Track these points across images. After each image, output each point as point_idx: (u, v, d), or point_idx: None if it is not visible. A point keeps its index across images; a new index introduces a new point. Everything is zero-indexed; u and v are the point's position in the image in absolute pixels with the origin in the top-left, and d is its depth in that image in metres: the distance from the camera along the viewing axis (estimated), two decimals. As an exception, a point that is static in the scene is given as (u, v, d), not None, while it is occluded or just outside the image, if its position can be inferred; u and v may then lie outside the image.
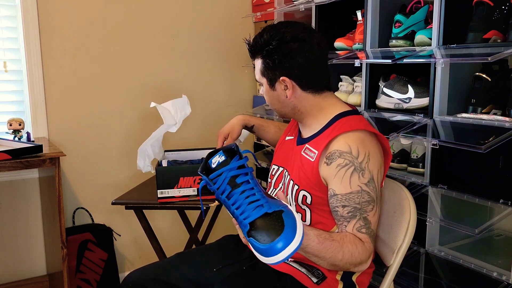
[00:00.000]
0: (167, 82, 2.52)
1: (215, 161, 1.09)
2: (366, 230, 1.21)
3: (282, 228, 0.99)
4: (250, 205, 1.04)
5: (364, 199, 1.21)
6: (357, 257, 1.18)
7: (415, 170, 1.72)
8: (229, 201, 1.07)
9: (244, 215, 1.04)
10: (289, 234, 0.99)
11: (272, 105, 1.38)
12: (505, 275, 1.42)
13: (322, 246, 1.14)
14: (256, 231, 1.01)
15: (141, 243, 2.49)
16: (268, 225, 1.01)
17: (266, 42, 1.28)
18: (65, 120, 2.31)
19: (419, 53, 1.62)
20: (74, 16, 2.27)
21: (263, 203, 1.04)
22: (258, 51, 1.31)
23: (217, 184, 1.08)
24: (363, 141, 1.24)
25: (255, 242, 1.00)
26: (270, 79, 1.31)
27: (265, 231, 1.00)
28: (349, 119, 1.29)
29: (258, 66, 1.33)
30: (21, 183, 2.27)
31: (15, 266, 2.30)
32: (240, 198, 1.06)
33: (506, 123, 1.38)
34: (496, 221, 1.53)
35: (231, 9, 2.64)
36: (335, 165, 1.22)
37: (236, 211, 1.06)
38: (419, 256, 1.69)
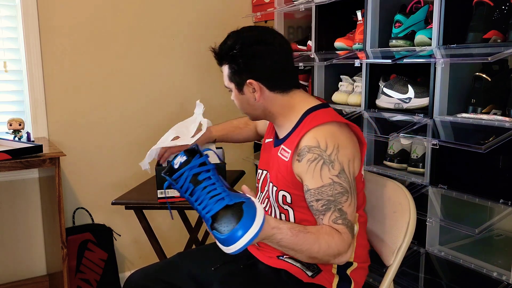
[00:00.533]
0: (167, 82, 2.52)
1: (177, 162, 1.13)
2: (342, 221, 1.22)
3: (241, 217, 1.02)
4: (211, 199, 1.07)
5: (337, 190, 1.22)
6: (334, 248, 1.19)
7: (415, 170, 1.72)
8: (192, 198, 1.10)
9: (206, 209, 1.07)
10: (247, 222, 1.02)
11: (243, 109, 1.40)
12: (505, 275, 1.42)
13: (297, 239, 1.15)
14: (217, 223, 1.04)
15: (141, 243, 2.49)
16: (228, 216, 1.04)
17: (230, 47, 1.31)
18: (65, 120, 2.31)
19: (419, 53, 1.62)
20: (74, 16, 2.27)
21: (224, 196, 1.07)
22: (223, 57, 1.34)
23: (180, 183, 1.12)
24: (332, 133, 1.25)
25: (217, 233, 1.03)
26: (238, 83, 1.33)
27: (225, 222, 1.03)
28: (317, 114, 1.30)
29: (225, 72, 1.35)
30: (21, 183, 2.27)
31: (15, 266, 2.30)
32: (203, 194, 1.09)
33: (506, 123, 1.38)
34: (496, 221, 1.53)
35: (231, 9, 2.64)
36: (306, 161, 1.24)
37: (198, 206, 1.08)
38: (419, 256, 1.69)
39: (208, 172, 1.12)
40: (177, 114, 2.56)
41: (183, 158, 1.13)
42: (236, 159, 2.54)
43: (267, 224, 1.12)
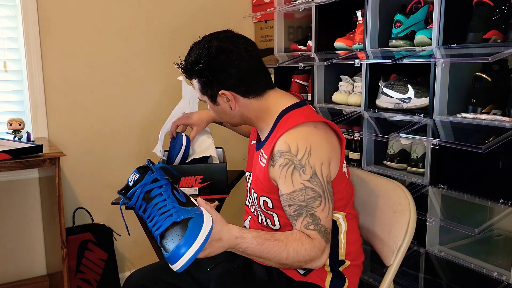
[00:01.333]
0: (167, 82, 2.52)
1: (131, 179, 1.13)
2: (314, 226, 1.20)
3: (183, 234, 1.02)
4: (161, 216, 1.07)
5: (309, 195, 1.20)
6: (304, 254, 1.18)
7: (415, 170, 1.72)
8: (145, 214, 1.10)
9: (156, 226, 1.07)
10: (189, 239, 1.01)
11: (221, 119, 1.40)
12: (505, 275, 1.42)
13: (263, 247, 1.15)
14: (164, 240, 1.04)
15: (141, 243, 2.49)
16: (174, 233, 1.04)
17: (194, 62, 1.31)
18: (65, 120, 2.31)
19: (419, 53, 1.62)
20: (74, 16, 2.27)
21: (172, 213, 1.07)
22: (190, 73, 1.33)
23: (133, 200, 1.12)
24: (304, 136, 1.23)
25: (164, 251, 1.03)
26: (211, 95, 1.33)
27: (171, 239, 1.03)
28: (290, 115, 1.28)
29: (196, 86, 1.35)
30: (21, 183, 2.27)
31: (15, 266, 2.30)
32: (154, 211, 1.09)
33: (506, 123, 1.38)
34: (496, 221, 1.53)
35: (231, 9, 2.64)
36: (278, 166, 1.23)
37: (149, 224, 1.08)
38: (419, 256, 1.69)
39: (160, 188, 1.12)
40: (177, 114, 2.56)
41: (136, 176, 1.13)
42: (236, 159, 2.53)
43: (230, 234, 1.12)
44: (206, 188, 1.75)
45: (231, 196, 1.86)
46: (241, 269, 1.38)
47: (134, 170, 1.15)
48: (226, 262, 1.42)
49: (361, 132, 1.84)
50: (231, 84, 1.29)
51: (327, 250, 1.23)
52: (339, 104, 2.01)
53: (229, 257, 1.42)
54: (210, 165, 1.78)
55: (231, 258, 1.41)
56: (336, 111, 2.00)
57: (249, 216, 1.47)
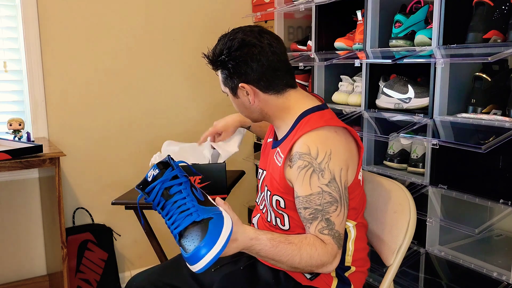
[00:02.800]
0: (167, 82, 2.53)
1: (150, 175, 1.11)
2: (328, 231, 1.19)
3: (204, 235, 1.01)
4: (180, 214, 1.06)
5: (326, 200, 1.19)
6: (317, 259, 1.17)
7: (415, 170, 1.72)
8: (163, 212, 1.09)
9: (175, 224, 1.06)
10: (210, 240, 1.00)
11: (241, 113, 1.41)
12: (505, 275, 1.42)
13: (277, 250, 1.14)
14: (183, 240, 1.03)
15: (141, 243, 2.49)
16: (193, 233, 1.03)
17: (219, 53, 1.30)
18: (65, 120, 2.31)
19: (419, 53, 1.62)
20: (74, 16, 2.27)
21: (192, 212, 1.06)
22: (215, 63, 1.33)
23: (152, 196, 1.10)
24: (324, 139, 1.23)
25: (182, 251, 1.02)
26: (231, 88, 1.33)
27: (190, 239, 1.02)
28: (311, 118, 1.28)
29: (220, 77, 1.35)
30: (21, 183, 2.27)
31: (15, 266, 2.30)
32: (173, 209, 1.08)
33: (506, 123, 1.38)
34: (496, 221, 1.53)
35: (231, 9, 2.64)
36: (296, 167, 1.22)
37: (168, 221, 1.07)
38: (419, 256, 1.69)
39: (180, 185, 1.10)
40: (177, 114, 2.56)
41: (156, 171, 1.11)
42: (236, 159, 2.53)
43: (245, 236, 1.11)
44: (206, 188, 1.75)
45: (232, 196, 1.86)
46: (246, 271, 1.37)
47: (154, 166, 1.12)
48: (230, 264, 1.41)
49: (361, 132, 1.84)
50: (251, 78, 1.29)
51: (339, 256, 1.22)
52: (339, 104, 2.01)
53: (233, 258, 1.41)
54: (209, 165, 1.78)
55: (235, 260, 1.40)
56: (336, 111, 2.00)
57: (258, 214, 1.46)
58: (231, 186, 1.91)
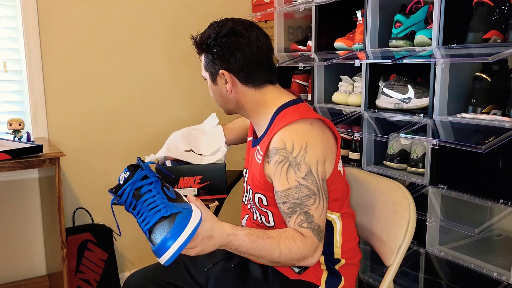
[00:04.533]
0: (167, 82, 2.53)
1: (122, 178, 1.14)
2: (307, 224, 1.20)
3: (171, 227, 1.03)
4: (150, 211, 1.07)
5: (303, 193, 1.20)
6: (296, 252, 1.17)
7: (415, 170, 1.72)
8: (134, 212, 1.11)
9: (145, 222, 1.07)
10: (177, 231, 1.01)
11: (216, 101, 1.40)
12: (505, 275, 1.42)
13: (255, 245, 1.14)
14: (153, 235, 1.05)
15: (141, 243, 2.49)
16: (161, 227, 1.04)
17: (206, 37, 1.31)
18: (65, 120, 2.30)
19: (419, 53, 1.62)
20: (74, 16, 2.27)
21: (160, 208, 1.07)
22: (200, 46, 1.34)
23: (123, 198, 1.12)
24: (300, 133, 1.23)
25: (151, 245, 1.03)
26: (212, 73, 1.33)
27: (158, 233, 1.03)
28: (286, 112, 1.29)
29: (202, 62, 1.36)
30: (21, 183, 2.27)
31: (15, 266, 2.30)
32: (143, 207, 1.09)
33: (506, 123, 1.38)
34: (496, 221, 1.53)
35: (231, 9, 2.64)
36: (273, 163, 1.23)
37: (139, 220, 1.09)
38: (419, 256, 1.69)
39: (150, 184, 1.12)
40: (177, 114, 2.56)
41: (126, 174, 1.14)
42: (236, 159, 2.53)
43: (222, 232, 1.12)
44: (205, 188, 1.75)
45: (232, 196, 1.86)
46: (238, 268, 1.39)
47: (125, 169, 1.15)
48: (223, 261, 1.42)
49: (361, 132, 1.84)
50: (233, 67, 1.29)
51: (320, 248, 1.22)
52: (339, 104, 2.01)
53: (226, 256, 1.42)
54: (209, 165, 1.77)
55: (228, 257, 1.42)
56: (336, 111, 2.00)
57: (246, 215, 1.47)
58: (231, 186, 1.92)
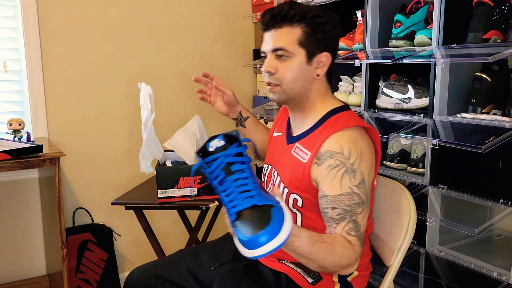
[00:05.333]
0: (166, 82, 2.53)
1: (214, 145, 1.05)
2: (355, 232, 1.19)
3: (268, 223, 0.95)
4: (240, 194, 1.00)
5: (354, 201, 1.18)
6: (346, 260, 1.17)
7: (415, 170, 1.72)
8: (221, 187, 1.03)
9: (233, 203, 1.00)
10: (274, 230, 0.94)
11: (292, 83, 1.25)
12: (505, 275, 1.42)
13: (313, 248, 1.12)
14: (241, 222, 0.98)
15: (141, 243, 2.49)
16: (254, 217, 0.97)
17: (315, 11, 1.23)
18: (65, 120, 2.31)
19: (419, 53, 1.62)
20: (74, 16, 2.27)
21: (253, 195, 1.00)
22: (302, 17, 1.22)
23: (211, 168, 1.03)
24: (355, 140, 1.21)
25: (239, 232, 0.97)
26: (310, 51, 1.23)
27: (250, 223, 0.96)
28: (340, 116, 1.26)
29: (292, 35, 1.22)
30: (21, 183, 2.27)
31: (15, 266, 2.30)
32: (232, 186, 1.02)
33: (506, 123, 1.38)
34: (496, 221, 1.53)
35: (231, 9, 2.64)
36: (326, 166, 1.20)
37: (225, 198, 1.02)
38: (419, 256, 1.69)
39: (242, 164, 1.03)
40: (177, 114, 2.56)
41: (220, 143, 1.04)
42: (236, 159, 2.53)
43: None
44: (205, 188, 1.75)
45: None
46: (246, 269, 1.34)
47: (219, 136, 1.04)
48: (231, 263, 1.39)
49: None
50: (334, 53, 1.27)
51: (359, 258, 1.22)
52: (339, 104, 2.01)
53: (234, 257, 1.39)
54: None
55: (235, 259, 1.39)
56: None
57: None
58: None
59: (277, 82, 1.26)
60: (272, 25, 1.24)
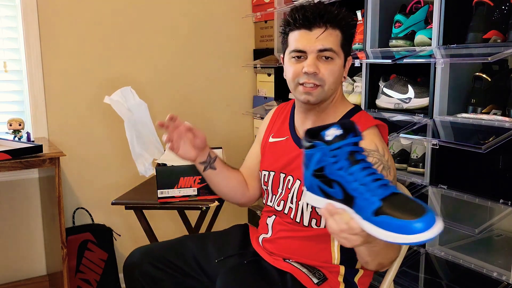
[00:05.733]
0: (167, 82, 2.52)
1: (331, 134, 0.99)
2: None
3: (422, 210, 0.91)
4: (375, 182, 0.96)
5: None
6: (396, 253, 1.20)
7: (415, 170, 1.72)
8: (351, 177, 0.97)
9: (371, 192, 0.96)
10: (430, 218, 0.90)
11: (334, 84, 1.27)
12: (505, 275, 1.42)
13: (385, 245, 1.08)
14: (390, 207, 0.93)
15: (141, 243, 2.48)
16: (405, 203, 0.94)
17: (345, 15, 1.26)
18: (65, 120, 2.30)
19: (419, 53, 1.62)
20: (74, 16, 2.27)
21: (387, 182, 0.97)
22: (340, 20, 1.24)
23: (334, 157, 0.98)
24: (381, 138, 1.26)
25: (390, 218, 0.92)
26: (346, 55, 1.29)
27: (403, 208, 0.92)
28: (362, 115, 1.31)
29: (336, 37, 1.24)
30: (21, 183, 2.27)
31: (15, 266, 2.30)
32: (361, 175, 0.98)
33: (506, 123, 1.38)
34: (496, 221, 1.53)
35: (231, 9, 2.64)
36: None
37: (361, 187, 0.96)
38: (419, 256, 1.69)
39: (363, 154, 1.00)
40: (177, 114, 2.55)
41: (338, 131, 0.99)
42: (236, 159, 2.53)
43: None
44: (205, 188, 1.75)
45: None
46: (251, 265, 1.33)
47: (335, 125, 1.00)
48: (235, 257, 1.37)
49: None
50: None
51: None
52: (339, 104, 2.01)
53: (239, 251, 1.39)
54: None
55: (240, 254, 1.38)
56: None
57: (274, 215, 1.40)
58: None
59: (320, 82, 1.25)
60: (316, 24, 1.23)
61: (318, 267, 1.30)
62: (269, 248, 1.36)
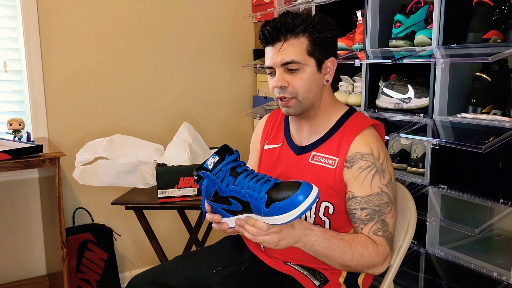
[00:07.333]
0: (167, 82, 2.52)
1: (210, 162, 1.13)
2: (382, 232, 1.20)
3: (297, 185, 1.05)
4: (258, 182, 1.09)
5: (384, 200, 1.20)
6: (368, 259, 1.17)
7: (415, 170, 1.72)
8: (237, 187, 1.10)
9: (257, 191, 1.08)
10: (306, 187, 1.04)
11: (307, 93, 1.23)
12: (505, 275, 1.42)
13: (329, 244, 1.14)
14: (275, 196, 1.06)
15: (141, 243, 2.49)
16: (284, 187, 1.07)
17: (311, 21, 1.20)
18: (65, 120, 2.30)
19: (419, 53, 1.62)
20: (74, 16, 2.27)
21: (269, 178, 1.10)
22: (304, 28, 1.19)
23: (220, 177, 1.11)
24: (379, 139, 1.24)
25: (277, 203, 1.05)
26: (319, 59, 1.22)
27: (283, 191, 1.05)
28: (356, 117, 1.28)
29: (300, 45, 1.20)
30: (21, 183, 2.27)
31: (15, 266, 2.30)
32: (246, 181, 1.10)
33: (506, 123, 1.38)
34: (496, 221, 1.53)
35: (231, 9, 2.64)
36: (357, 168, 1.20)
37: (248, 191, 1.09)
38: (419, 256, 1.69)
39: (242, 166, 1.14)
40: (177, 114, 2.56)
41: (215, 158, 1.13)
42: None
43: (301, 223, 1.12)
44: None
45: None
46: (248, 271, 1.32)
47: (212, 154, 1.14)
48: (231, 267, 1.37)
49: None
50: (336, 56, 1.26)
51: (389, 258, 1.22)
52: (339, 104, 2.01)
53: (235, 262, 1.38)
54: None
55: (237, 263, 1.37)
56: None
57: None
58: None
59: (292, 95, 1.23)
60: (276, 39, 1.21)
61: (319, 269, 1.30)
62: (269, 251, 1.36)
